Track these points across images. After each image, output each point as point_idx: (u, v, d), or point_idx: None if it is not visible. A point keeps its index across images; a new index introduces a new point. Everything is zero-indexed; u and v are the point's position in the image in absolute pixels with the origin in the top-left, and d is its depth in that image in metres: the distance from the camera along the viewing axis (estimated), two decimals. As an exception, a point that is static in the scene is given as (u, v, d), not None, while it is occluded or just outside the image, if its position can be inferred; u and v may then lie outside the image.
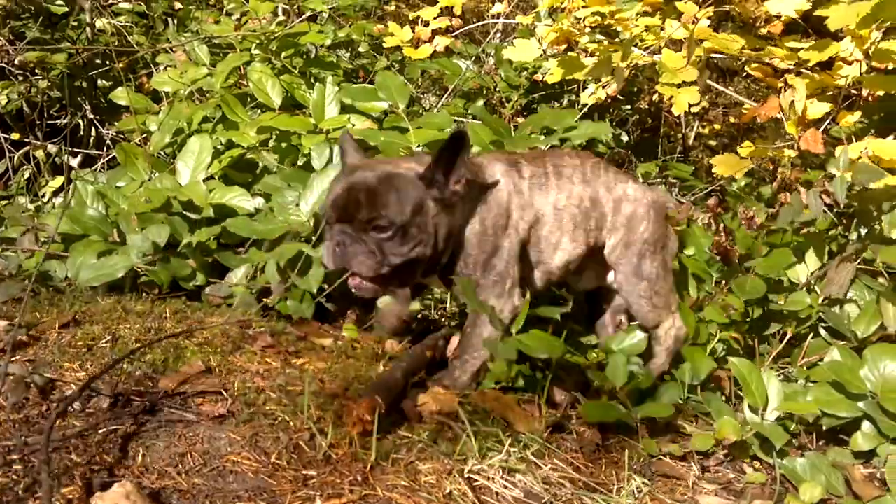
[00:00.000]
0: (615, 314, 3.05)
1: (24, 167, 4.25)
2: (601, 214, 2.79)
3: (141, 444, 1.99)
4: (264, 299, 3.03)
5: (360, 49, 4.85)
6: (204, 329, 2.58)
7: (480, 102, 4.59)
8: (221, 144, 3.72)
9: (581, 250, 2.77)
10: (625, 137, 4.91)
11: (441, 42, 4.23)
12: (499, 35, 5.35)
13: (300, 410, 2.20)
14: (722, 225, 3.10)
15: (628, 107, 5.01)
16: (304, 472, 2.00)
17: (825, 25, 2.98)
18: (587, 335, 3.12)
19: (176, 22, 4.67)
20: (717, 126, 5.79)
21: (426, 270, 2.58)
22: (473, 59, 4.68)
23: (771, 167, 4.26)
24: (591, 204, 2.77)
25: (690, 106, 5.60)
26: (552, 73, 3.86)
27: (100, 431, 1.97)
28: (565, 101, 4.71)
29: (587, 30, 3.89)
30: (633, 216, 2.83)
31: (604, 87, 4.22)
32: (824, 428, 2.46)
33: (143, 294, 2.96)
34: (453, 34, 4.55)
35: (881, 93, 3.15)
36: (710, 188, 4.33)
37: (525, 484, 2.14)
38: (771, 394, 2.47)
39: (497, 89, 4.64)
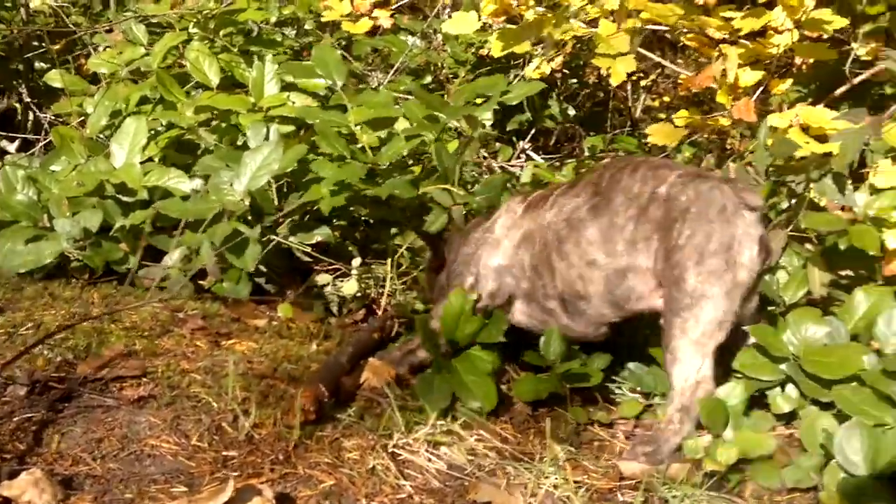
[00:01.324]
0: None
1: (-40, 153, 4.19)
2: None
3: (57, 430, 1.98)
4: (200, 281, 3.02)
5: (307, 27, 4.80)
6: (131, 312, 2.57)
7: (428, 79, 4.57)
8: (162, 126, 3.68)
9: None
10: (572, 112, 4.90)
11: (381, 15, 4.19)
12: (447, 10, 5.32)
13: (225, 392, 2.19)
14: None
15: (575, 81, 5.01)
16: (224, 452, 2.01)
17: (763, -4, 3.01)
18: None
19: (114, 2, 4.59)
20: (666, 98, 5.79)
21: None
22: (420, 35, 4.64)
23: (717, 138, 4.28)
24: None
25: (639, 79, 5.62)
26: (492, 46, 3.84)
27: (14, 419, 1.97)
28: (512, 76, 4.69)
29: (531, 2, 3.87)
30: None
31: (549, 62, 4.22)
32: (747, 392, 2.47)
33: (73, 279, 2.93)
34: (395, 7, 4.51)
35: (811, 60, 3.17)
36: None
37: (449, 456, 2.16)
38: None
39: (444, 65, 4.62)
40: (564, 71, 4.81)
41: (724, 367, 2.45)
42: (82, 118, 3.82)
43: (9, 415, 1.97)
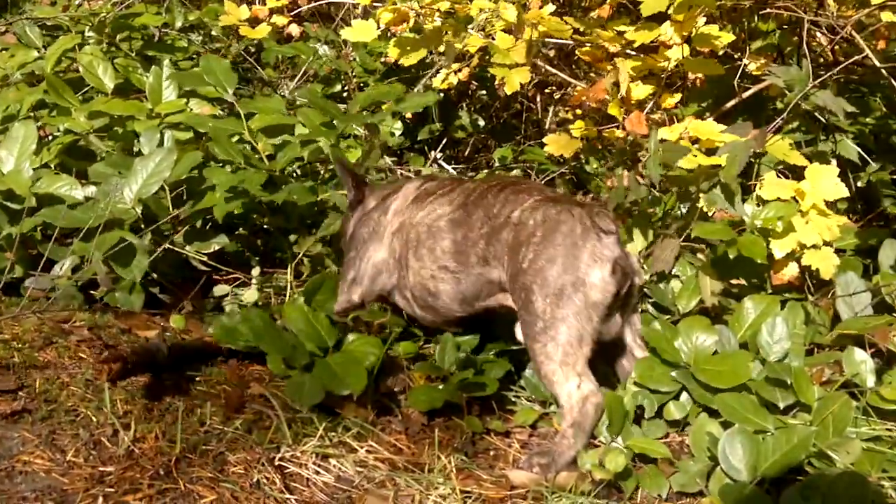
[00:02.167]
0: None
1: None
2: None
3: (-79, 447, 1.88)
4: (92, 292, 2.92)
5: (213, 32, 4.72)
6: (13, 323, 2.47)
7: (337, 87, 4.54)
8: (59, 131, 3.57)
9: None
10: (482, 122, 4.92)
11: (279, 21, 4.14)
12: (358, 19, 5.29)
13: (105, 406, 2.12)
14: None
15: (484, 92, 5.03)
16: (101, 468, 1.94)
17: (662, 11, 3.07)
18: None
19: (9, 2, 4.45)
20: (578, 111, 5.87)
21: None
22: (327, 42, 4.61)
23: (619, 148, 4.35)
24: None
25: (551, 92, 5.69)
26: (389, 53, 3.83)
27: None
28: (420, 86, 4.70)
29: (429, 13, 3.88)
30: None
31: (456, 73, 4.23)
32: (647, 413, 2.50)
33: (-46, 290, 2.80)
34: (295, 12, 4.46)
35: (700, 76, 3.25)
36: (562, 171, 4.40)
37: (338, 468, 2.13)
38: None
39: (354, 74, 4.60)
40: (474, 82, 4.83)
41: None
42: (-28, 123, 3.67)
43: None
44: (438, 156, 4.58)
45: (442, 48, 3.42)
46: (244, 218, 3.34)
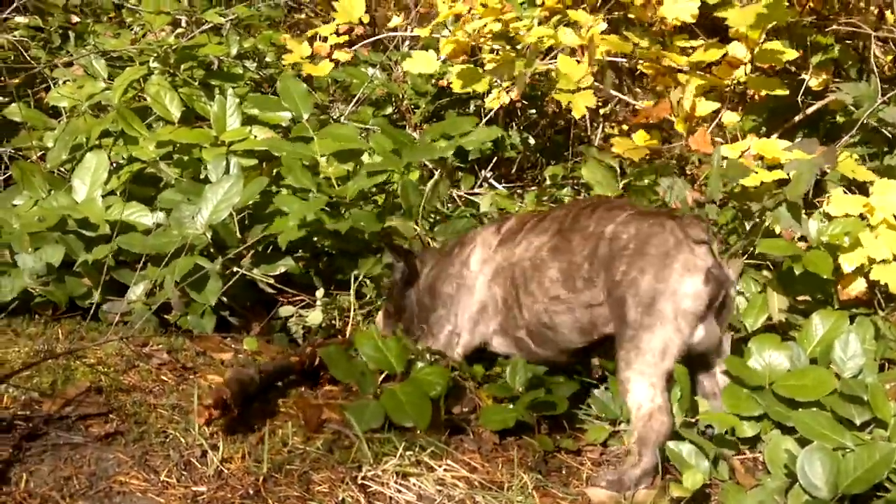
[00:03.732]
0: None
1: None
2: None
3: (24, 469, 1.96)
4: (165, 315, 3.00)
5: (267, 59, 4.83)
6: (96, 348, 2.54)
7: (389, 110, 4.61)
8: (123, 159, 3.67)
9: None
10: (532, 141, 4.96)
11: (341, 57, 4.23)
12: (406, 43, 5.37)
13: (192, 427, 2.18)
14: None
15: (534, 111, 5.07)
16: (194, 488, 2.00)
17: (719, 26, 3.10)
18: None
19: (74, 36, 4.57)
20: (625, 126, 5.89)
21: None
22: (380, 66, 4.69)
23: (676, 163, 4.36)
24: None
25: (598, 107, 5.73)
26: (453, 84, 3.91)
27: (-21, 459, 1.93)
28: (472, 107, 4.75)
29: (485, 40, 3.94)
30: None
31: (507, 93, 4.28)
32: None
33: (37, 315, 2.89)
34: (354, 47, 4.55)
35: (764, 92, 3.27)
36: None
37: (418, 487, 2.17)
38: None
39: (405, 97, 4.67)
40: (523, 101, 4.87)
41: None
42: (42, 153, 3.79)
43: (-27, 455, 1.94)
44: (489, 175, 4.62)
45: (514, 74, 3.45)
46: (305, 241, 3.40)
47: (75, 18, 4.76)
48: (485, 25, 3.61)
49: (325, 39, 4.25)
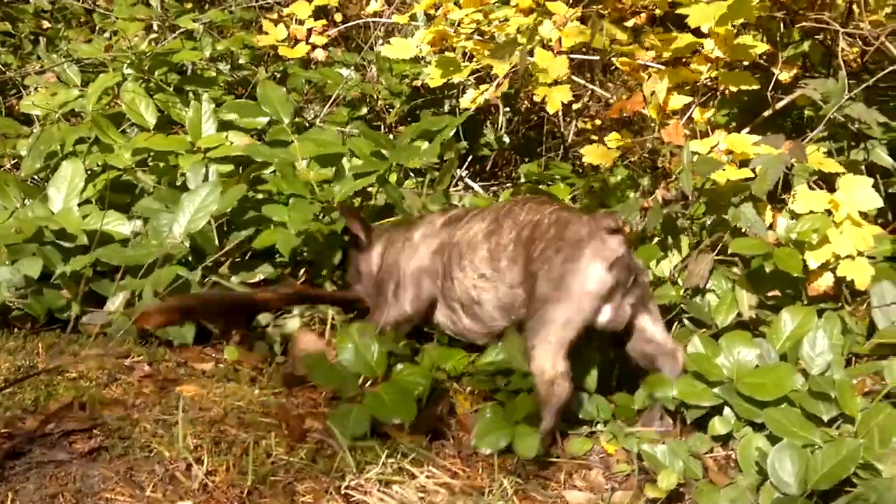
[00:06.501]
0: None
1: None
2: None
3: (9, 487, 1.98)
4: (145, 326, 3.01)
5: (241, 61, 4.82)
6: (78, 363, 2.56)
7: (364, 110, 4.62)
8: (98, 167, 3.66)
9: None
10: (507, 139, 5.00)
11: (317, 40, 4.23)
12: (380, 41, 5.38)
13: (176, 440, 2.21)
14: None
15: (507, 109, 5.11)
16: (179, 502, 2.03)
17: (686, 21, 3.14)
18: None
19: (45, 41, 4.55)
20: (598, 122, 5.94)
21: None
22: (354, 67, 4.70)
23: (648, 157, 4.41)
24: None
25: (570, 103, 5.77)
26: (432, 76, 3.92)
27: (-37, 480, 1.95)
28: (447, 107, 4.78)
29: (464, 34, 3.96)
30: None
31: (497, 87, 4.30)
32: (688, 421, 2.58)
33: (16, 329, 2.89)
34: (329, 31, 4.55)
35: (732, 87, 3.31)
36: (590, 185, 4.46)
37: (401, 494, 2.21)
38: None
39: (380, 97, 4.69)
40: (497, 100, 4.90)
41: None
42: (15, 161, 3.78)
43: (-42, 476, 1.96)
44: (464, 173, 4.66)
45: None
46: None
47: (46, 24, 4.73)
48: (466, 16, 3.64)
49: (301, 22, 4.26)
